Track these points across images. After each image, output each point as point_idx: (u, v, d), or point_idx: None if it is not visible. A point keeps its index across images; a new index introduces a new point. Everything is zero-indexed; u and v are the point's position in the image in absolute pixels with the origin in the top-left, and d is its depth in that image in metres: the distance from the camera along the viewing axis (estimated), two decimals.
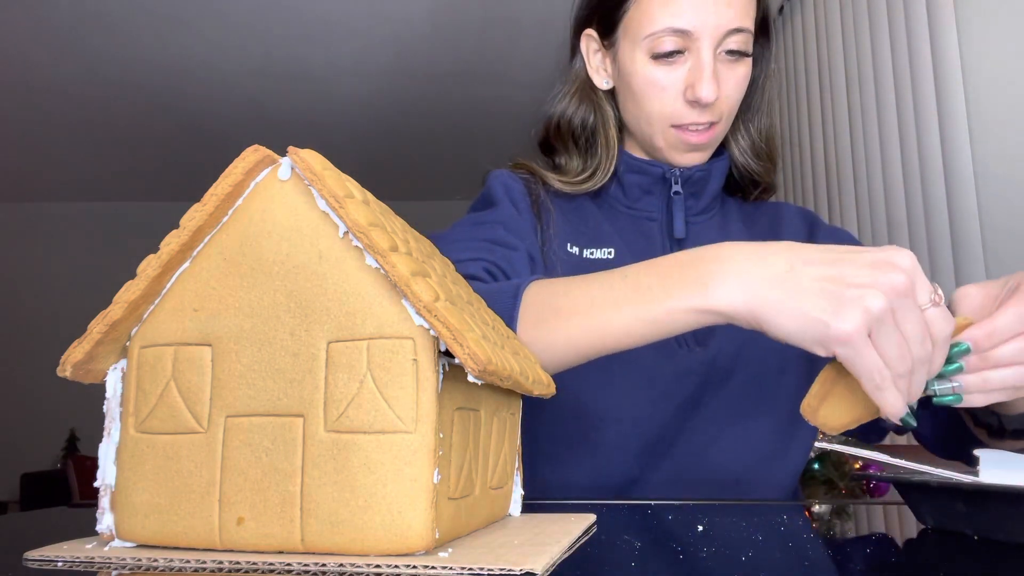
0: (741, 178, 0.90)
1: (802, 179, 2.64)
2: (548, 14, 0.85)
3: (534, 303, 0.61)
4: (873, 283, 0.47)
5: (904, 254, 0.48)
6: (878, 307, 0.46)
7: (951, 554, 0.40)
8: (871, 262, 0.48)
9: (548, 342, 0.59)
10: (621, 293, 0.57)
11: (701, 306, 0.53)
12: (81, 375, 0.40)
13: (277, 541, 0.36)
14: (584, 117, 0.87)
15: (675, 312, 0.54)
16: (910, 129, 1.89)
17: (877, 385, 0.48)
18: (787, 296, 0.49)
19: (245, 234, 0.39)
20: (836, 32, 2.37)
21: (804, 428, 0.82)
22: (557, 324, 0.59)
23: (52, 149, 4.69)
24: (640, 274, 0.57)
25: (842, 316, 0.47)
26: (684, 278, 0.54)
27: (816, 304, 0.48)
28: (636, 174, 0.85)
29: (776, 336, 0.51)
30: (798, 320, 0.49)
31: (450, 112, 4.20)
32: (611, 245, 0.83)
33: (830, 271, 0.49)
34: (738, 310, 0.52)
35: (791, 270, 0.50)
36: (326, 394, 0.36)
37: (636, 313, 0.56)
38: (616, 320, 0.57)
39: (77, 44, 3.43)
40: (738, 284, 0.52)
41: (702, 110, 0.78)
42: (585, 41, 0.87)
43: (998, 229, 1.59)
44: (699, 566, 0.37)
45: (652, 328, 0.56)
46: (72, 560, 0.36)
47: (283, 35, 3.39)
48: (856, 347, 0.47)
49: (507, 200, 0.83)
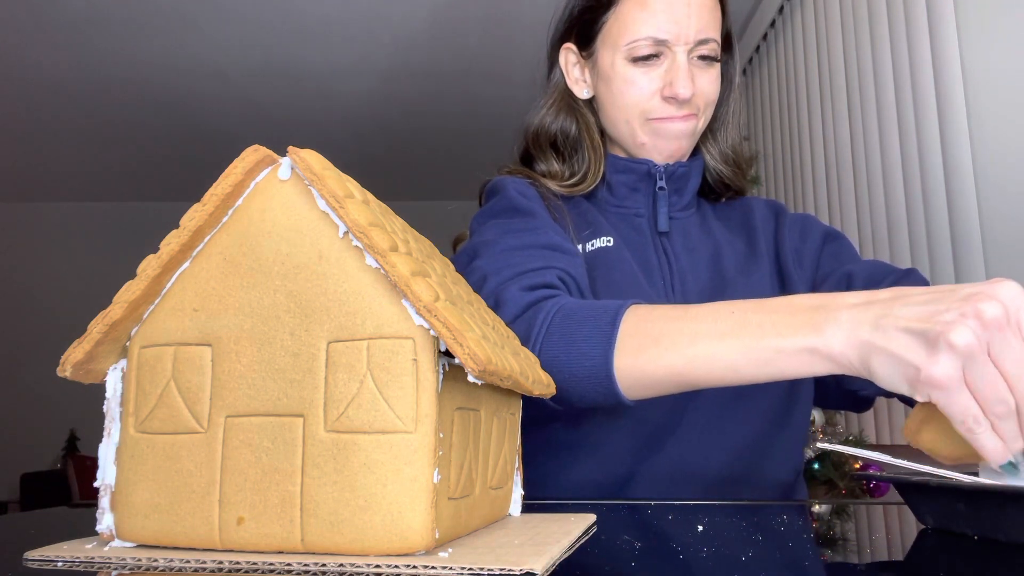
0: (714, 183, 0.93)
1: (802, 179, 2.64)
2: (548, 14, 0.85)
3: (632, 330, 0.60)
4: (960, 316, 0.44)
5: (1006, 285, 0.45)
6: (964, 342, 0.43)
7: (951, 554, 0.40)
8: (965, 296, 0.45)
9: (646, 372, 0.59)
10: (728, 327, 0.56)
11: (813, 347, 0.51)
12: (81, 375, 0.40)
13: (277, 541, 0.36)
14: (565, 126, 0.90)
15: (787, 352, 0.53)
16: (910, 129, 1.89)
17: (970, 428, 0.44)
18: (882, 337, 0.47)
19: (245, 234, 0.39)
20: (836, 32, 2.37)
21: (795, 422, 0.83)
22: (657, 354, 0.58)
23: (52, 149, 4.69)
24: (747, 310, 0.56)
25: (933, 358, 0.44)
26: (795, 319, 0.53)
27: (907, 345, 0.46)
28: (622, 173, 0.88)
29: (879, 382, 0.48)
30: (891, 364, 0.47)
31: (450, 112, 4.20)
32: (608, 235, 0.85)
33: (923, 309, 0.46)
34: (847, 355, 0.50)
35: (888, 312, 0.48)
36: (326, 394, 0.36)
37: (744, 349, 0.54)
38: (722, 354, 0.55)
39: (77, 44, 3.42)
40: (845, 327, 0.50)
41: (678, 106, 0.82)
42: (564, 54, 0.91)
43: (998, 229, 1.59)
44: (699, 566, 0.37)
45: (756, 367, 0.54)
46: (72, 560, 0.36)
47: (283, 35, 3.39)
48: (948, 392, 0.44)
49: (534, 205, 0.83)
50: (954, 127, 1.71)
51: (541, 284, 0.71)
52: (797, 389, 0.83)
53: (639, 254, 0.85)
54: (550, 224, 0.81)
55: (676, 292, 0.83)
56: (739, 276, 0.85)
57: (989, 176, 1.63)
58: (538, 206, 0.84)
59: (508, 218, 0.82)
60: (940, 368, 0.44)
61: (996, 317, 0.43)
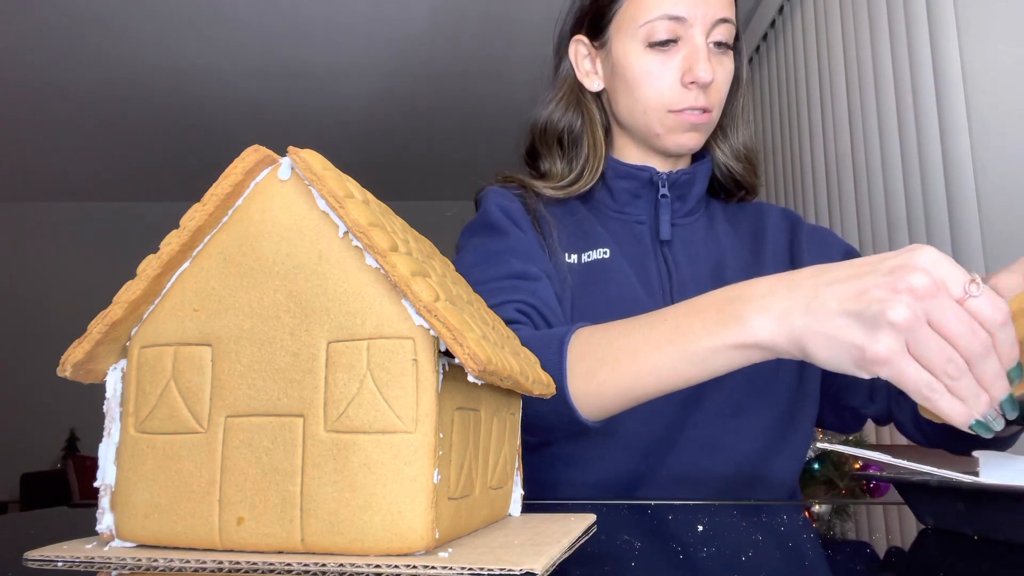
0: (724, 180, 0.92)
1: (802, 179, 2.64)
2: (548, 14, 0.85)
3: (580, 355, 0.62)
4: (892, 293, 0.45)
5: (923, 251, 0.46)
6: (903, 318, 0.44)
7: (951, 554, 0.40)
8: (889, 270, 0.46)
9: (599, 393, 0.60)
10: (662, 335, 0.57)
11: (742, 341, 0.53)
12: (81, 375, 0.40)
13: (277, 541, 0.36)
14: (571, 121, 0.89)
15: (718, 350, 0.54)
16: (910, 129, 1.89)
17: (926, 396, 0.46)
18: (816, 322, 0.48)
19: (245, 234, 0.39)
20: (836, 32, 2.37)
21: (802, 422, 0.83)
22: (605, 375, 0.60)
23: (52, 149, 4.69)
24: (679, 315, 0.58)
25: (874, 337, 0.45)
26: (721, 315, 0.54)
27: (845, 327, 0.47)
28: (624, 179, 0.87)
29: (820, 364, 0.50)
30: (833, 347, 0.48)
31: (450, 112, 4.20)
32: (605, 246, 0.84)
33: (851, 288, 0.47)
34: (778, 342, 0.51)
35: (817, 295, 0.49)
36: (326, 394, 0.36)
37: (680, 355, 0.56)
38: (661, 363, 0.57)
39: (77, 44, 3.42)
40: (773, 315, 0.51)
41: (699, 93, 0.81)
42: (574, 47, 0.89)
43: (998, 229, 1.59)
44: (699, 566, 0.37)
45: (698, 369, 0.56)
46: (72, 560, 0.36)
47: (283, 35, 3.39)
48: (895, 366, 0.45)
49: (510, 223, 0.83)
50: (954, 127, 1.71)
51: None
52: (800, 406, 0.83)
53: (638, 264, 0.84)
54: (522, 244, 0.81)
55: (676, 302, 0.83)
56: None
57: (989, 175, 1.63)
58: (517, 221, 0.84)
59: (484, 236, 0.83)
60: (883, 345, 0.45)
61: (926, 286, 0.44)
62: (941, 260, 0.45)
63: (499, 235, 0.82)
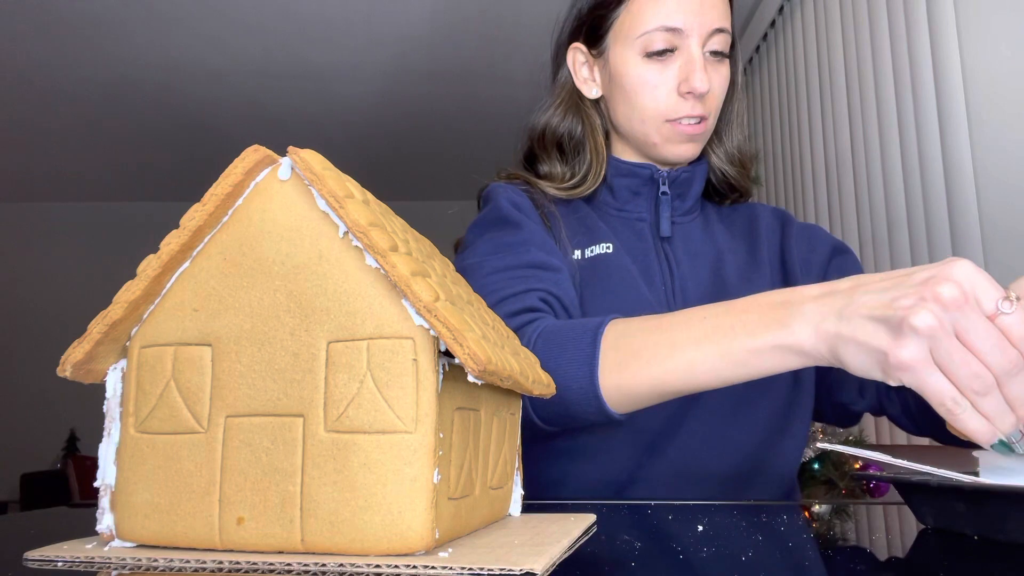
0: (719, 183, 0.93)
1: (802, 179, 2.64)
2: (548, 14, 0.84)
3: (613, 346, 0.61)
4: (919, 300, 0.45)
5: (959, 264, 0.45)
6: (925, 324, 0.44)
7: (951, 554, 0.40)
8: (922, 280, 0.46)
9: (630, 385, 0.60)
10: (702, 333, 0.57)
11: (784, 343, 0.53)
12: (81, 375, 0.40)
13: (277, 541, 0.36)
14: (571, 127, 0.89)
15: (759, 352, 0.54)
16: (910, 129, 1.89)
17: (949, 409, 0.45)
18: (848, 327, 0.48)
19: (245, 234, 0.39)
20: (836, 32, 2.37)
21: (800, 413, 0.84)
22: (638, 368, 0.59)
23: (52, 149, 4.69)
24: (719, 314, 0.57)
25: (898, 342, 0.45)
26: (764, 318, 0.54)
27: (872, 332, 0.47)
28: (625, 177, 0.88)
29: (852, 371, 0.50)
30: (861, 353, 0.48)
31: (450, 112, 4.20)
32: (608, 241, 0.85)
33: (883, 296, 0.47)
34: (818, 348, 0.51)
35: (851, 302, 0.49)
36: (326, 394, 0.36)
37: (720, 354, 0.56)
38: (698, 360, 0.57)
39: (77, 44, 3.42)
40: (812, 321, 0.51)
41: (695, 102, 0.81)
42: (572, 54, 0.90)
43: (998, 229, 1.59)
44: (699, 566, 0.37)
45: (735, 369, 0.56)
46: (72, 560, 0.36)
47: (283, 35, 3.39)
48: (917, 373, 0.45)
49: (523, 217, 0.83)
50: (954, 127, 1.71)
51: (523, 309, 0.71)
52: (797, 398, 0.83)
53: (640, 260, 0.85)
54: (537, 236, 0.81)
55: (677, 298, 0.83)
56: (741, 282, 0.85)
57: (989, 175, 1.63)
58: (528, 215, 0.84)
59: (497, 230, 0.82)
60: (907, 351, 0.45)
61: (954, 297, 0.44)
62: (975, 274, 0.45)
63: (513, 228, 0.82)
